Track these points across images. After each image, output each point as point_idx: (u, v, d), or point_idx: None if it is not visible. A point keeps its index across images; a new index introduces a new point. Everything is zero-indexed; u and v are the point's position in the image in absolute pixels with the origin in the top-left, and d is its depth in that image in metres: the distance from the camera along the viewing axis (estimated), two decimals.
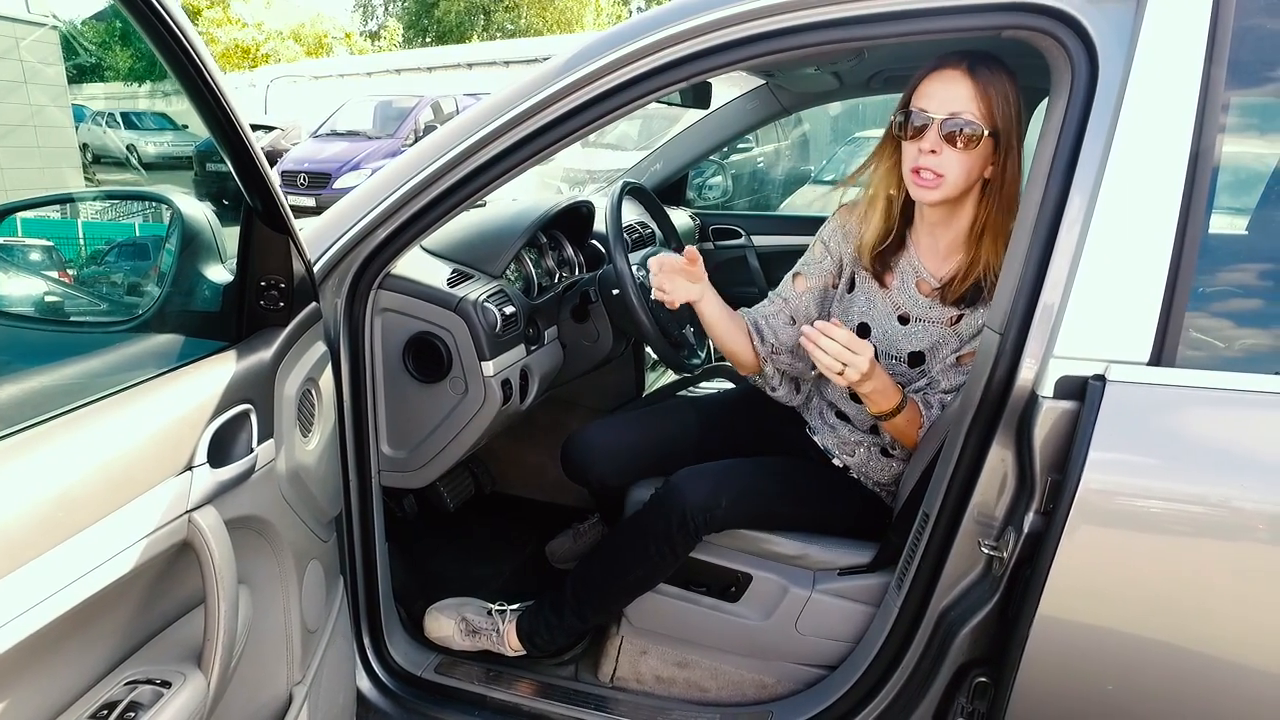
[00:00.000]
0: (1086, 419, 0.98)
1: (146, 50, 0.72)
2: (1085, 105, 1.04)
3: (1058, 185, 1.05)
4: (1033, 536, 1.05)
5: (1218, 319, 0.99)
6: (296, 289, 1.07)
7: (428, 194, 1.29)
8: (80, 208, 1.43)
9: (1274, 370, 0.95)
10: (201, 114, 0.81)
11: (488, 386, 1.40)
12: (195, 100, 0.78)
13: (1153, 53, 0.99)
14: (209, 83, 0.78)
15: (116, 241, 1.09)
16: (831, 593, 1.38)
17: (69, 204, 1.40)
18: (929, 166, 1.20)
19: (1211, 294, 0.99)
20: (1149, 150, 0.99)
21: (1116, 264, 1.00)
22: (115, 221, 1.13)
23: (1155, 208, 0.98)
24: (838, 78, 2.21)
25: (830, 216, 1.46)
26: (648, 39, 1.19)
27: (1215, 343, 0.98)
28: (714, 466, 1.42)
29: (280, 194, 0.97)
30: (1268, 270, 1.01)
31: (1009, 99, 1.18)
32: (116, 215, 1.34)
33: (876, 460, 1.44)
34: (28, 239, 1.32)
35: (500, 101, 1.26)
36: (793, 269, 1.49)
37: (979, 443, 1.12)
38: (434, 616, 1.53)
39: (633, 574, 1.39)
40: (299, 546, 1.10)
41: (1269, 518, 0.95)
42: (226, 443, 0.91)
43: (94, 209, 1.40)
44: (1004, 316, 1.09)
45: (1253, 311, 0.99)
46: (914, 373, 1.36)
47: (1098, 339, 1.00)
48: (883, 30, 1.12)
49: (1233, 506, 0.96)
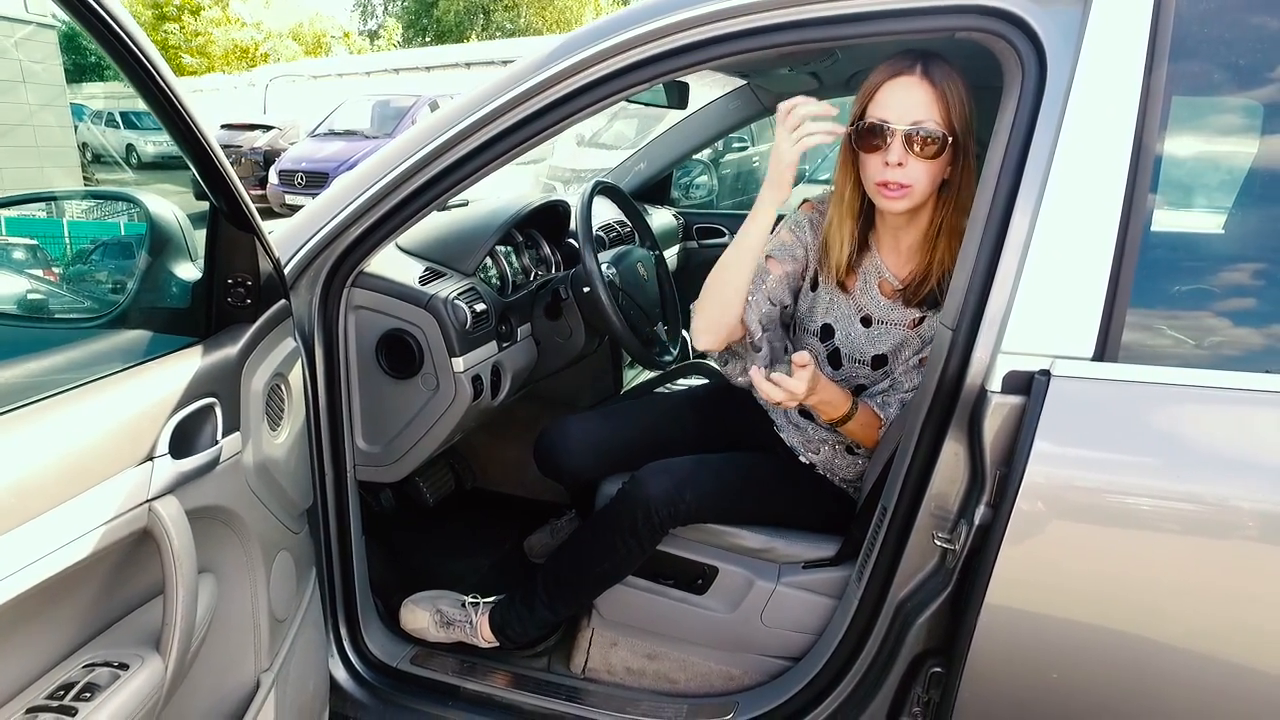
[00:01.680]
0: (1031, 413, 1.00)
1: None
2: (1034, 106, 1.06)
3: (1008, 184, 1.08)
4: (983, 529, 1.07)
5: (1160, 315, 1.02)
6: (263, 286, 1.10)
7: (398, 194, 1.31)
8: (63, 207, 1.45)
9: (1215, 365, 0.97)
10: (159, 117, 0.83)
11: (458, 382, 1.42)
12: (151, 105, 0.81)
13: (1097, 53, 1.01)
14: (162, 87, 0.80)
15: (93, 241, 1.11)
16: (796, 585, 1.41)
17: (51, 203, 1.43)
18: (896, 180, 1.21)
19: (1154, 290, 1.01)
20: (1092, 149, 1.01)
21: (1061, 261, 1.02)
22: (96, 221, 1.15)
23: (1098, 206, 1.01)
24: (816, 77, 2.24)
25: (796, 209, 1.47)
26: (615, 39, 1.21)
27: (1157, 338, 1.01)
28: (680, 461, 1.44)
29: (244, 193, 1.00)
30: (1208, 267, 1.03)
31: (963, 100, 1.20)
32: (99, 215, 1.36)
33: (841, 458, 1.47)
34: (9, 238, 1.35)
35: (469, 102, 1.29)
36: (765, 250, 1.47)
37: (933, 437, 1.14)
38: (409, 608, 1.56)
39: (600, 566, 1.42)
40: (267, 537, 1.12)
41: (1208, 510, 0.97)
42: (190, 435, 0.93)
43: (76, 209, 1.42)
44: (956, 312, 1.11)
45: (1194, 307, 1.01)
46: (877, 374, 1.38)
47: (1044, 335, 1.03)
48: (839, 32, 1.15)
49: (1173, 499, 0.98)
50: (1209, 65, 0.99)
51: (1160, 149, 0.99)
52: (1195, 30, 0.97)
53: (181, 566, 0.83)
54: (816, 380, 1.25)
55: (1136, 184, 0.99)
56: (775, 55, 1.27)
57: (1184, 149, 1.02)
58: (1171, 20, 0.98)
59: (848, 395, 1.33)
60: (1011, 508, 1.01)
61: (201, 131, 0.87)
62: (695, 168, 3.29)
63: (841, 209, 1.33)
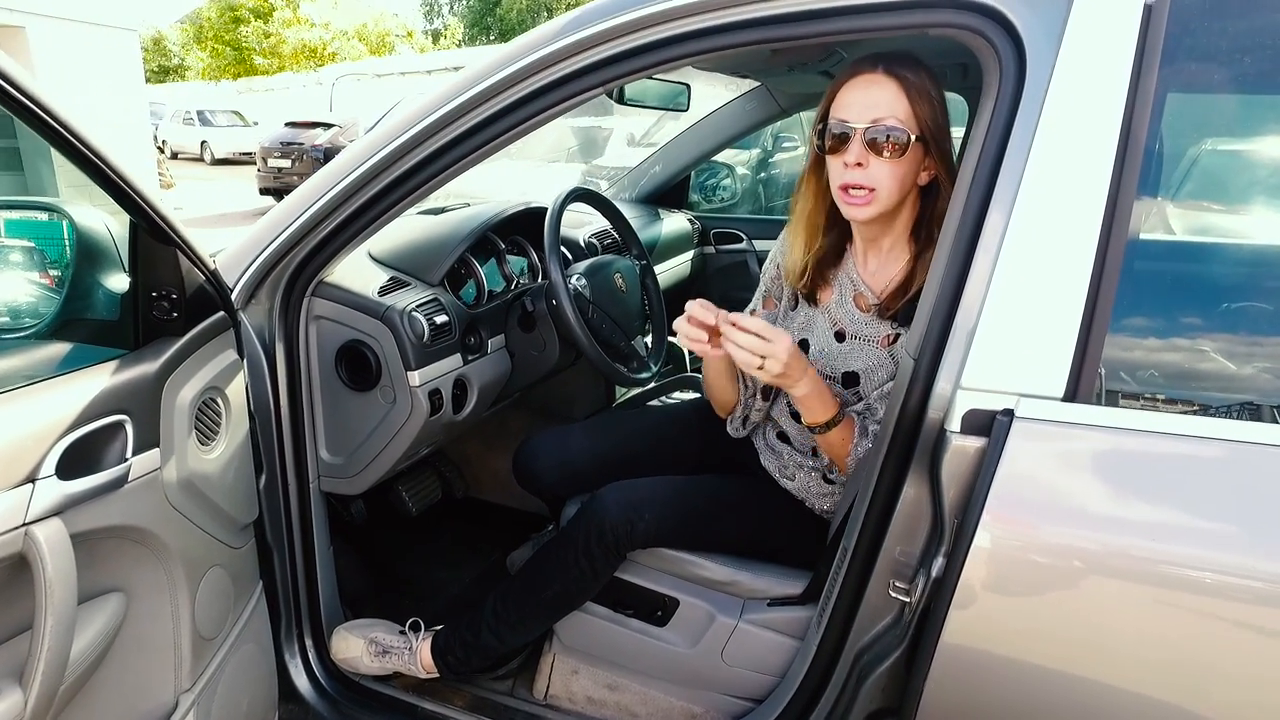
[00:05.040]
0: (990, 457, 0.90)
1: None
2: (1011, 111, 0.95)
3: (978, 199, 0.97)
4: (938, 582, 0.97)
5: (1143, 349, 0.89)
6: (190, 299, 1.07)
7: (355, 200, 1.27)
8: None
9: (1196, 410, 0.85)
10: (55, 145, 0.80)
11: (414, 396, 1.38)
12: (44, 134, 0.78)
13: (1079, 49, 0.89)
14: (42, 109, 0.77)
15: (14, 251, 1.10)
16: (758, 623, 1.32)
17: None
18: (857, 182, 1.12)
19: (1136, 321, 0.89)
20: (1070, 161, 0.90)
21: (1031, 284, 0.91)
22: (19, 226, 1.13)
23: (1074, 225, 0.89)
24: (829, 76, 2.12)
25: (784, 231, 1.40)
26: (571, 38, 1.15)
27: (1136, 379, 0.89)
28: (644, 482, 1.37)
29: (161, 207, 0.97)
30: (1200, 295, 0.90)
31: (932, 97, 1.10)
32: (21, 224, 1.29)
33: (817, 485, 1.37)
34: None
35: (428, 103, 1.24)
36: (759, 289, 1.42)
37: (893, 477, 1.04)
38: (341, 636, 1.48)
39: (551, 589, 1.36)
40: (192, 554, 1.10)
41: (1188, 574, 0.85)
42: (92, 453, 0.91)
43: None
44: (919, 340, 1.01)
45: (1178, 345, 0.88)
46: (848, 394, 1.28)
47: (1009, 370, 0.92)
48: (806, 30, 1.05)
49: (1146, 562, 0.86)
50: (1210, 62, 0.87)
51: (1149, 159, 0.86)
52: (1195, 24, 0.85)
53: (54, 594, 0.80)
54: (794, 355, 1.11)
55: (1119, 199, 0.87)
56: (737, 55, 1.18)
57: (1176, 160, 0.89)
58: (1167, 11, 0.85)
59: (836, 399, 1.23)
60: (963, 562, 0.91)
61: (96, 151, 0.84)
62: (718, 170, 3.18)
63: (798, 218, 1.25)
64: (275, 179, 11.10)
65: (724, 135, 2.64)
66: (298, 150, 11.21)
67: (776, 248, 1.39)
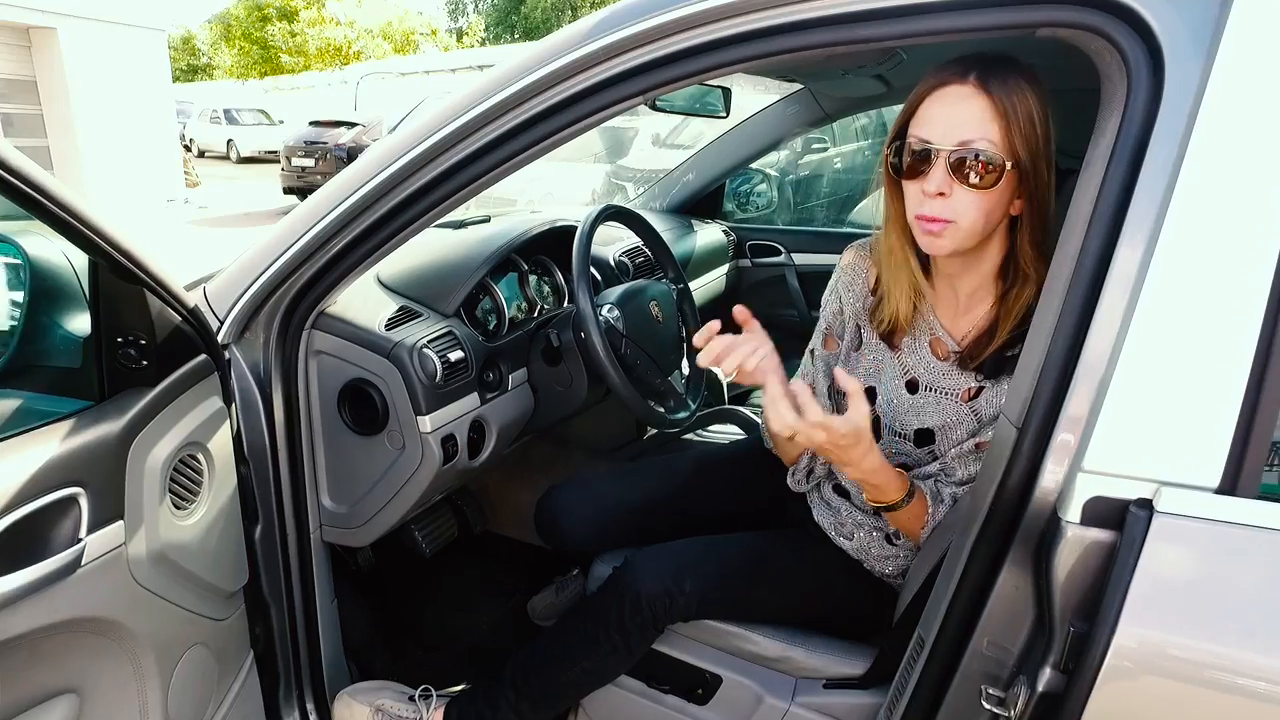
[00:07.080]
0: (1125, 558, 0.72)
1: None
2: (1144, 130, 0.77)
3: (1100, 236, 0.79)
4: (1048, 698, 0.80)
5: None
6: (164, 344, 0.93)
7: (358, 224, 1.12)
8: None
9: None
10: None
11: (425, 444, 1.23)
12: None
13: (1244, 59, 0.72)
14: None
15: None
16: (813, 708, 1.15)
17: None
18: (936, 215, 0.95)
19: None
20: (1232, 195, 0.72)
21: (1178, 349, 0.73)
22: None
23: (1238, 274, 0.71)
24: (883, 81, 1.94)
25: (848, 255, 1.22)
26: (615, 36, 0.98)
27: None
28: (680, 545, 1.21)
29: (123, 240, 0.82)
30: None
31: (1034, 117, 0.92)
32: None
33: (879, 547, 1.19)
34: None
35: (437, 117, 1.08)
36: (819, 326, 1.26)
37: (987, 562, 0.87)
38: (345, 703, 1.35)
39: (579, 665, 1.20)
40: (166, 636, 0.96)
41: None
42: (34, 538, 0.77)
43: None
44: (1023, 405, 0.84)
45: None
46: (921, 453, 1.11)
47: (1146, 451, 0.74)
48: (876, 31, 0.88)
49: None
50: None
51: None
52: None
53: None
54: (857, 436, 0.97)
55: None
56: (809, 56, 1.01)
57: None
58: None
59: (903, 479, 1.06)
60: (1093, 683, 0.74)
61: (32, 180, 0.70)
62: (754, 177, 3.00)
63: (892, 258, 1.07)
64: (299, 178, 11.10)
65: (762, 142, 2.46)
66: (321, 149, 11.20)
67: (836, 277, 1.22)
